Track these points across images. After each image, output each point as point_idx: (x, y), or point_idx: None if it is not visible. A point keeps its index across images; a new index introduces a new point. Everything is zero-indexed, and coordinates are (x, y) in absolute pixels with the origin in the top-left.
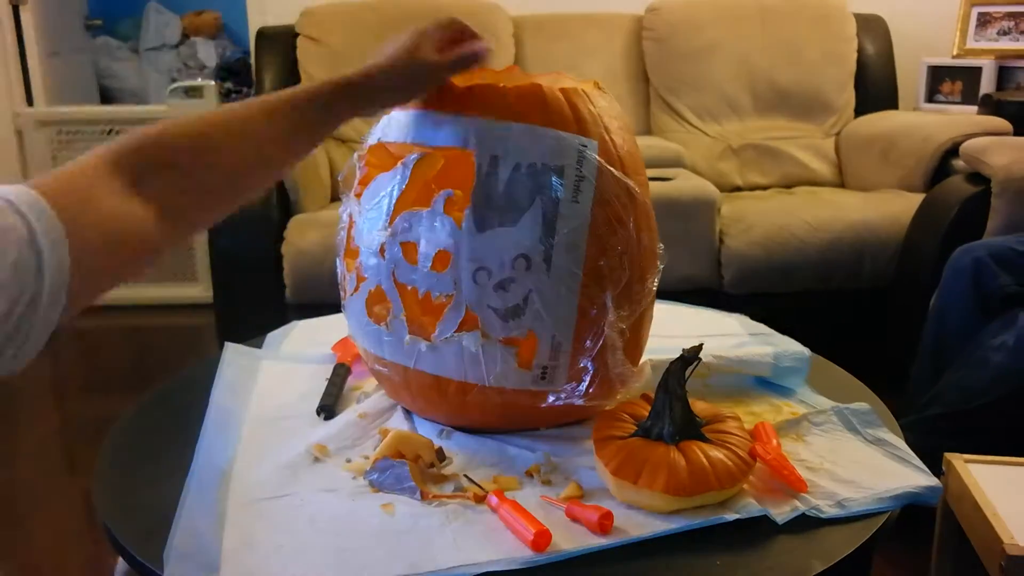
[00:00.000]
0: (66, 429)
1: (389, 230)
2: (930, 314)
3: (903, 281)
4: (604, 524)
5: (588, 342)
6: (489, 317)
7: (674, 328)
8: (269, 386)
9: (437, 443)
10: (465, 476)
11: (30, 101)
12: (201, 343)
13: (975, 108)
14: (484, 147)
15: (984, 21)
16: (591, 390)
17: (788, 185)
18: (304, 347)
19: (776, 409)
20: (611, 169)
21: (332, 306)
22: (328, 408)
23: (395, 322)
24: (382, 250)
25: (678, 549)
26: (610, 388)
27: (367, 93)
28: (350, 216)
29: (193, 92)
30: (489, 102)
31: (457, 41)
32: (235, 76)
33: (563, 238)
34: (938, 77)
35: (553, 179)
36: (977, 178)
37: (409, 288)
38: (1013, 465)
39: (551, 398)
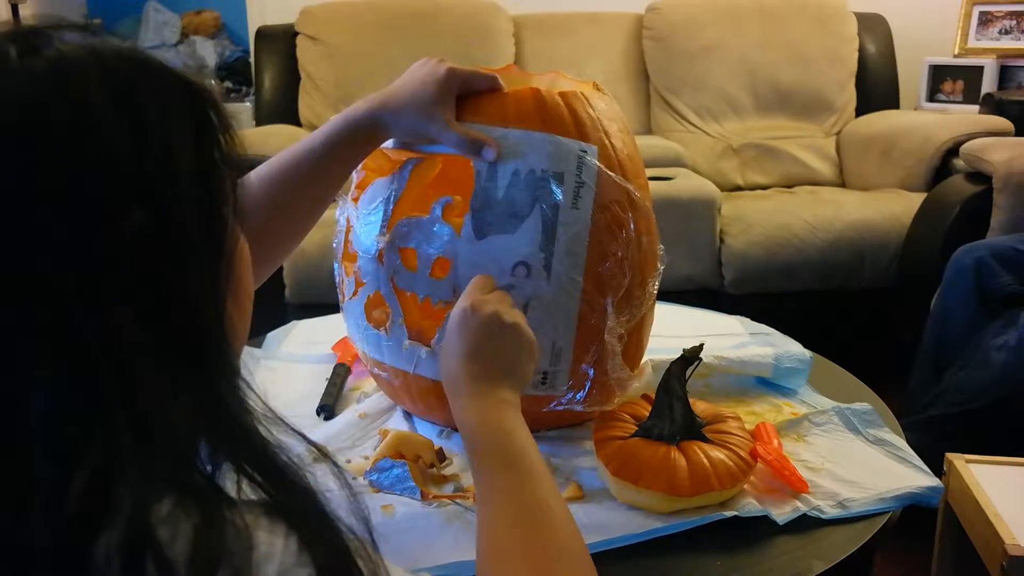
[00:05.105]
0: None
1: (387, 236)
2: (931, 314)
3: (904, 281)
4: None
5: (589, 348)
6: None
7: (674, 328)
8: (269, 386)
9: (437, 443)
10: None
11: None
12: None
13: (976, 108)
14: None
15: (985, 20)
16: (591, 395)
17: (789, 185)
18: (304, 347)
19: (777, 409)
20: (611, 174)
21: (332, 306)
22: (328, 408)
23: (394, 327)
24: (380, 256)
25: (678, 549)
26: (609, 393)
27: (379, 128)
28: (347, 220)
29: None
30: (487, 107)
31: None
32: (235, 75)
33: (563, 245)
34: (939, 76)
35: (553, 185)
36: (978, 178)
37: (408, 294)
38: (1014, 465)
39: (551, 404)
